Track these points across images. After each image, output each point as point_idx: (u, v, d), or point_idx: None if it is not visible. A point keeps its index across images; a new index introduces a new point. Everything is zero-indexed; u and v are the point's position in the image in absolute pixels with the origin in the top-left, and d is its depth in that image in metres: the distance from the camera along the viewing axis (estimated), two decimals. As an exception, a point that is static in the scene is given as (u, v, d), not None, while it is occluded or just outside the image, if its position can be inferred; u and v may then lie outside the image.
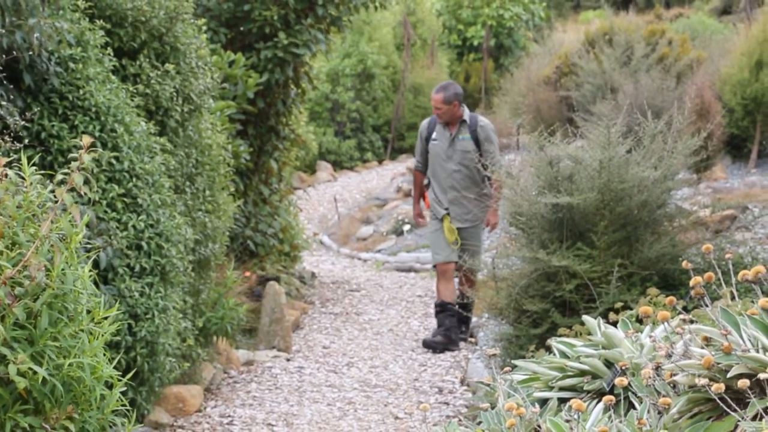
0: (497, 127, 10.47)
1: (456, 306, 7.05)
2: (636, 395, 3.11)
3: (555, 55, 14.39)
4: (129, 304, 4.63)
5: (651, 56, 12.13)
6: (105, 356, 3.05)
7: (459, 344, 7.20)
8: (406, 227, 11.62)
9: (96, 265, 4.34)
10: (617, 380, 3.05)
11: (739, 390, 2.68)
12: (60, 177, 2.99)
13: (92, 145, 3.05)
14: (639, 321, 3.98)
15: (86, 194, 3.07)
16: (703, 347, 2.97)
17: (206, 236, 5.88)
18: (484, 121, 7.36)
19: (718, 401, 2.70)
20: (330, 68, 17.67)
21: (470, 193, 7.15)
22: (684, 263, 3.28)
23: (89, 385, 2.95)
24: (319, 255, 11.68)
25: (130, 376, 3.39)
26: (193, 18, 6.14)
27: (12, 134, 3.91)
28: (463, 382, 6.30)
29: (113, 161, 4.74)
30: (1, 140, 3.52)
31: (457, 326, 7.26)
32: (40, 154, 4.46)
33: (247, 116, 8.10)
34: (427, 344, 7.15)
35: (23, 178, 2.99)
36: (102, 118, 4.74)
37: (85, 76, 4.76)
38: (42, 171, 3.16)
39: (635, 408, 3.08)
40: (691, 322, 3.14)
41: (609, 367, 3.46)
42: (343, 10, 8.53)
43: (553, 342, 3.93)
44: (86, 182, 3.02)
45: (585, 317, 4.07)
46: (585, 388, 3.49)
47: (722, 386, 2.68)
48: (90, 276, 3.05)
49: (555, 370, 3.65)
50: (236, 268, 7.22)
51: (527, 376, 3.74)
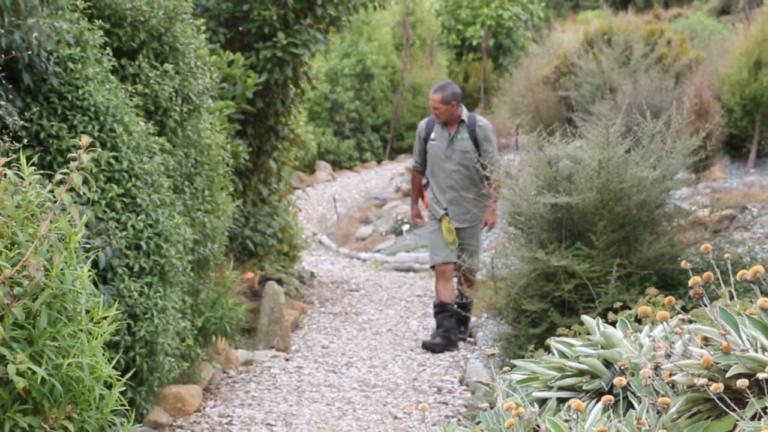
0: (496, 127, 10.46)
1: (455, 306, 7.06)
2: (635, 395, 3.11)
3: (554, 55, 14.39)
4: (128, 304, 4.63)
5: (650, 56, 12.13)
6: (104, 356, 3.05)
7: (458, 345, 7.20)
8: (405, 227, 11.61)
9: (95, 265, 4.34)
10: (616, 380, 3.05)
11: (738, 390, 2.68)
12: (59, 177, 2.99)
13: (91, 145, 3.05)
14: (638, 321, 3.99)
15: (85, 194, 3.07)
16: (702, 347, 2.97)
17: (205, 236, 5.88)
18: (483, 121, 7.36)
19: (717, 401, 2.70)
20: (329, 68, 17.67)
21: (469, 193, 7.14)
22: (683, 263, 3.28)
23: (88, 385, 2.95)
24: (318, 255, 11.68)
25: (129, 376, 3.39)
26: (192, 18, 6.14)
27: (11, 134, 3.91)
28: (462, 382, 6.30)
29: (112, 161, 4.74)
30: (0, 140, 3.52)
31: (456, 327, 7.26)
32: (39, 154, 4.46)
33: (246, 116, 8.10)
34: (427, 346, 7.14)
35: (22, 178, 2.99)
36: (101, 118, 4.74)
37: (84, 76, 4.76)
38: (41, 171, 3.16)
39: (634, 408, 3.09)
40: (690, 322, 3.15)
41: (608, 367, 3.47)
42: (342, 10, 8.53)
43: (552, 342, 3.94)
44: (85, 182, 3.02)
45: (584, 317, 4.08)
46: (584, 388, 3.49)
47: (721, 386, 2.68)
48: (89, 276, 3.05)
49: (554, 370, 3.65)
50: (235, 268, 7.22)
51: (526, 376, 3.74)
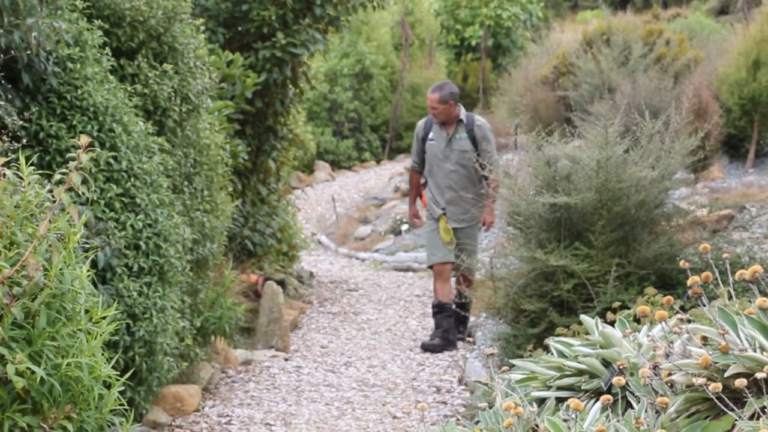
0: (495, 127, 10.46)
1: (453, 305, 7.06)
2: (634, 394, 3.11)
3: (553, 55, 14.40)
4: (127, 304, 4.63)
5: (649, 56, 12.13)
6: (103, 356, 3.05)
7: (457, 345, 7.20)
8: (404, 227, 11.62)
9: (94, 265, 4.34)
10: (615, 380, 3.05)
11: (737, 389, 2.68)
12: (58, 177, 2.99)
13: (90, 145, 3.05)
14: (637, 320, 3.99)
15: (84, 194, 3.07)
16: (701, 347, 2.98)
17: (204, 236, 5.89)
18: (481, 120, 7.36)
19: (716, 400, 2.70)
20: (328, 68, 17.67)
21: (468, 193, 7.14)
22: (681, 263, 3.28)
23: (87, 385, 2.95)
24: (317, 255, 11.68)
25: (129, 376, 3.39)
26: (191, 18, 6.14)
27: (10, 134, 3.91)
28: (461, 382, 6.30)
29: (111, 161, 4.74)
30: (0, 140, 3.52)
31: (455, 327, 7.26)
32: (39, 154, 4.46)
33: (245, 116, 8.10)
34: (426, 347, 7.13)
35: (21, 178, 2.99)
36: (100, 118, 4.74)
37: (83, 76, 4.76)
38: (40, 171, 3.17)
39: (633, 407, 3.09)
40: (689, 322, 3.15)
41: (607, 367, 3.47)
42: (341, 10, 8.54)
43: (551, 341, 3.94)
44: (84, 182, 3.02)
45: (583, 317, 4.08)
46: (583, 388, 3.49)
47: (719, 385, 2.68)
48: (88, 276, 3.05)
49: (553, 370, 3.66)
50: (234, 268, 7.22)
51: (525, 376, 3.75)
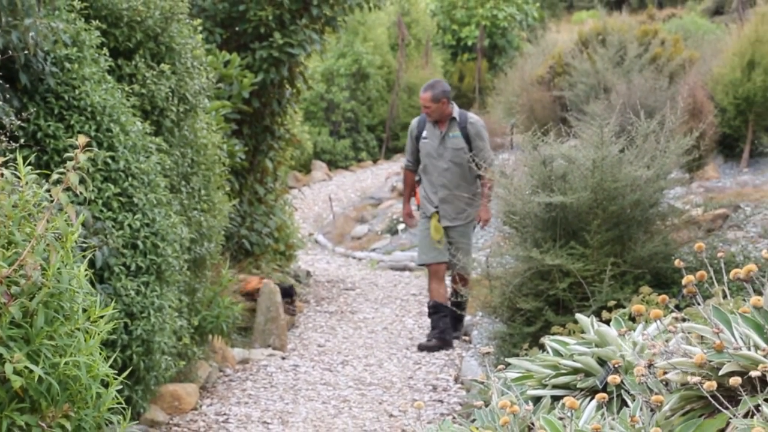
0: (491, 127, 10.48)
1: (449, 303, 7.07)
2: (629, 393, 3.12)
3: (548, 55, 14.41)
4: (125, 303, 4.64)
5: (644, 56, 12.15)
6: (101, 355, 3.06)
7: (453, 344, 7.21)
8: (401, 226, 11.62)
9: (92, 264, 4.35)
10: (610, 378, 3.07)
11: (731, 387, 2.69)
12: (56, 176, 3.00)
13: (88, 145, 3.06)
14: (632, 319, 4.01)
15: (82, 193, 3.08)
16: (696, 345, 2.99)
17: (202, 235, 5.90)
18: (474, 118, 7.36)
19: (710, 399, 2.71)
20: (325, 68, 17.67)
21: (461, 191, 7.15)
22: (676, 262, 3.29)
23: (85, 384, 2.96)
24: (314, 254, 11.69)
25: (126, 375, 3.41)
26: (189, 18, 6.15)
27: (8, 134, 3.92)
28: (457, 380, 6.32)
29: (109, 161, 4.75)
30: (-2, 140, 3.54)
31: (451, 326, 7.26)
32: (36, 154, 4.47)
33: (243, 116, 8.11)
34: (423, 348, 7.13)
35: (19, 178, 3.00)
36: (98, 118, 4.75)
37: (81, 76, 4.77)
38: (38, 170, 3.17)
39: (628, 405, 3.10)
40: (684, 321, 3.17)
41: (602, 365, 3.49)
42: (338, 11, 8.55)
43: (547, 340, 3.95)
44: (82, 181, 3.04)
45: (578, 315, 4.09)
46: (578, 386, 3.50)
47: (714, 384, 2.69)
48: (86, 275, 3.06)
49: (548, 368, 3.67)
50: (231, 267, 7.23)
51: (521, 374, 3.76)
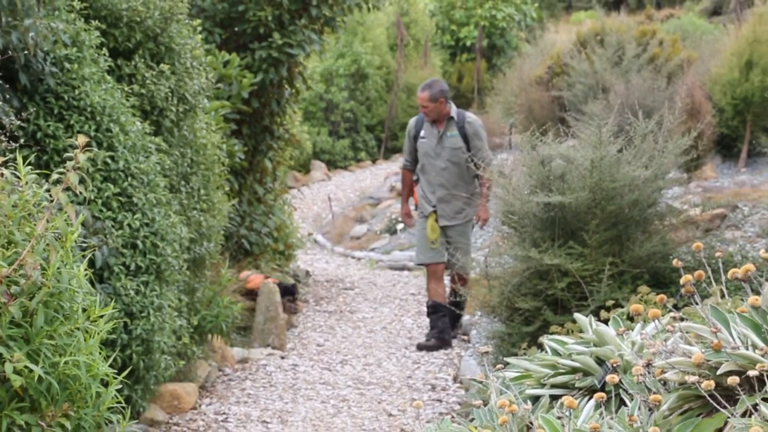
0: (489, 127, 10.48)
1: (447, 302, 7.08)
2: (627, 392, 3.13)
3: (547, 56, 14.42)
4: (124, 303, 4.65)
5: (642, 56, 12.16)
6: (100, 354, 3.07)
7: (452, 343, 7.22)
8: (400, 226, 11.63)
9: (91, 264, 4.36)
10: (608, 377, 3.07)
11: (729, 387, 2.69)
12: (55, 176, 3.00)
13: (87, 145, 3.07)
14: (630, 319, 4.01)
15: (82, 193, 3.08)
16: (693, 345, 3.00)
17: (201, 235, 5.91)
18: (472, 117, 7.36)
19: (708, 398, 2.72)
20: (324, 68, 17.68)
21: (460, 191, 7.15)
22: (674, 261, 3.30)
23: (85, 383, 2.96)
24: (314, 254, 11.69)
25: (126, 374, 3.42)
26: (188, 18, 6.16)
27: (8, 134, 3.93)
28: (456, 380, 6.33)
29: (108, 161, 4.76)
30: (-2, 140, 3.54)
31: (450, 326, 7.27)
32: (36, 154, 4.47)
33: (242, 116, 8.11)
34: (422, 348, 7.14)
35: (19, 178, 3.00)
36: (97, 118, 4.76)
37: (81, 76, 4.77)
38: (38, 170, 3.17)
39: (626, 405, 3.11)
40: (682, 320, 3.17)
41: (600, 365, 3.49)
42: (337, 11, 8.56)
43: (545, 340, 3.95)
44: (82, 181, 3.04)
45: (576, 315, 4.10)
46: (576, 386, 3.51)
47: (712, 383, 2.69)
48: (85, 275, 3.07)
49: (547, 368, 3.67)
50: (231, 267, 7.25)
51: (519, 374, 3.77)
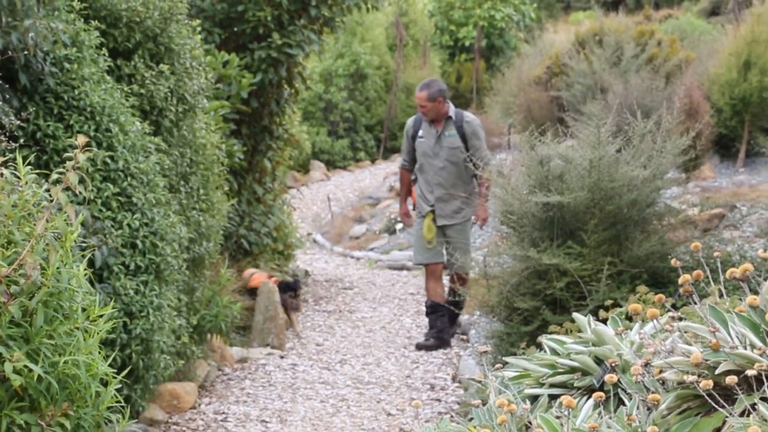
0: (488, 127, 10.49)
1: (445, 302, 7.08)
2: (625, 392, 3.14)
3: (546, 56, 14.43)
4: (124, 302, 4.65)
5: (640, 57, 12.17)
6: (100, 354, 3.07)
7: (451, 343, 7.22)
8: (399, 226, 11.64)
9: (91, 264, 4.36)
10: (607, 377, 3.08)
11: (727, 386, 2.70)
12: (55, 176, 3.01)
13: (87, 145, 3.08)
14: (628, 318, 4.02)
15: (81, 193, 3.09)
16: (692, 344, 3.01)
17: (200, 235, 5.91)
18: (470, 117, 7.36)
19: (707, 398, 2.72)
20: (323, 68, 17.68)
21: (458, 190, 7.15)
22: (673, 261, 3.31)
23: (84, 383, 2.97)
24: (313, 253, 11.70)
25: (125, 374, 3.43)
26: (188, 19, 6.17)
27: (8, 134, 3.93)
28: (455, 379, 6.33)
29: (108, 160, 4.76)
30: (-3, 140, 3.55)
31: (449, 326, 7.28)
32: (36, 154, 4.48)
33: (241, 116, 8.12)
34: (421, 347, 7.15)
35: (19, 178, 3.01)
36: (97, 118, 4.76)
37: (80, 77, 4.78)
38: (37, 170, 3.18)
39: (625, 404, 3.11)
40: (680, 320, 3.18)
41: (599, 364, 3.50)
42: (336, 11, 8.57)
43: (544, 339, 3.96)
44: (81, 181, 3.05)
45: (575, 315, 4.10)
46: (575, 385, 3.51)
47: (710, 383, 2.70)
48: (85, 274, 3.08)
49: (545, 367, 3.68)
50: (230, 267, 7.25)
51: (518, 373, 3.77)
